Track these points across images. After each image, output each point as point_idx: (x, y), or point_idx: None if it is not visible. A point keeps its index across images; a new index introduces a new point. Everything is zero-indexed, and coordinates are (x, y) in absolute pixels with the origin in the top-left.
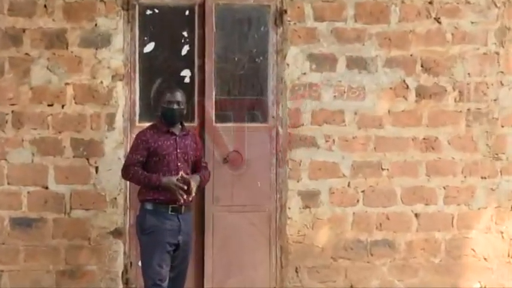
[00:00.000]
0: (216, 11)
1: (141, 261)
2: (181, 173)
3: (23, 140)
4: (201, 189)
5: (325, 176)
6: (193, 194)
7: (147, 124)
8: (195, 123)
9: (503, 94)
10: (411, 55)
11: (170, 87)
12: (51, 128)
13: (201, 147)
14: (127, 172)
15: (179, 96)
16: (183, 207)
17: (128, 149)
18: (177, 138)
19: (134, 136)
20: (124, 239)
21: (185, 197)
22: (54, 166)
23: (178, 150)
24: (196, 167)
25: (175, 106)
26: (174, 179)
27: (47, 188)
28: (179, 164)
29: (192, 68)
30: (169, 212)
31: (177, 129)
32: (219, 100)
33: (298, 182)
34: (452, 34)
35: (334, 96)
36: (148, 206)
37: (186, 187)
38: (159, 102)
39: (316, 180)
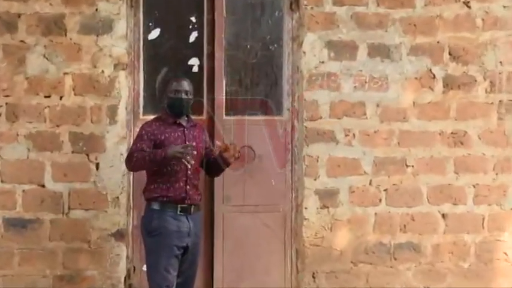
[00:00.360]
0: None
1: (146, 266)
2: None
3: (17, 135)
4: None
5: (345, 174)
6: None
7: (152, 117)
8: (204, 116)
9: None
10: (438, 42)
11: (176, 76)
12: (48, 121)
13: (208, 137)
14: (130, 159)
15: (186, 85)
16: (193, 206)
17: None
18: (185, 129)
19: (138, 129)
20: (127, 242)
21: (193, 162)
22: (51, 162)
23: (187, 143)
24: (207, 152)
25: (183, 95)
26: (179, 146)
27: (43, 186)
28: (188, 157)
29: (201, 56)
30: (178, 213)
31: (183, 121)
32: (229, 91)
33: (315, 179)
34: (483, 19)
35: (355, 86)
36: (155, 206)
37: (195, 151)
38: (164, 93)
39: (335, 178)
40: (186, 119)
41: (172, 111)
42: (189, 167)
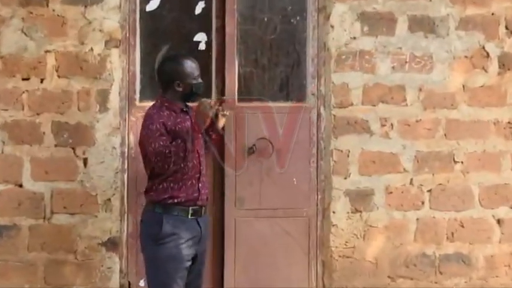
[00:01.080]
0: None
1: (149, 281)
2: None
3: None
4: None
5: (381, 171)
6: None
7: (150, 104)
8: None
9: None
10: (493, 14)
11: (182, 55)
12: (27, 108)
13: None
14: (164, 153)
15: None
16: (203, 208)
17: (127, 136)
18: (191, 118)
19: (148, 125)
20: (120, 253)
21: (228, 113)
22: (30, 158)
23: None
24: None
25: (200, 79)
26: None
27: (21, 186)
28: (200, 151)
29: (209, 31)
30: (189, 216)
31: (186, 108)
32: (243, 72)
33: (345, 178)
34: None
35: (393, 67)
36: (164, 209)
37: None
38: (171, 77)
39: (369, 177)
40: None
41: (188, 99)
42: (227, 114)
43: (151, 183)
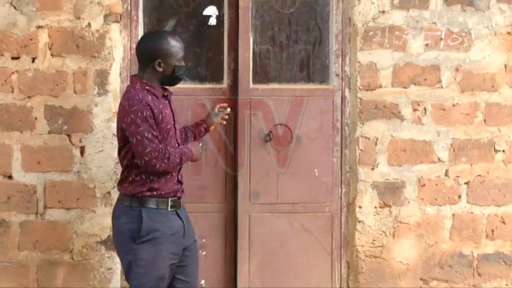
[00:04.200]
0: None
1: (130, 283)
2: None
3: None
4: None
5: (412, 161)
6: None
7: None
8: (224, 85)
9: None
10: None
11: (167, 32)
12: (17, 91)
13: None
14: (170, 157)
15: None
16: (180, 199)
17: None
18: (170, 103)
19: (131, 107)
20: None
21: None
22: (21, 146)
23: (175, 119)
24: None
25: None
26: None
27: (10, 177)
28: (178, 140)
29: (220, 4)
30: (169, 209)
31: (166, 92)
32: (258, 51)
33: (372, 169)
34: None
35: (426, 44)
36: (142, 203)
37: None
38: (153, 56)
39: (399, 167)
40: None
41: (169, 82)
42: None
43: (127, 173)
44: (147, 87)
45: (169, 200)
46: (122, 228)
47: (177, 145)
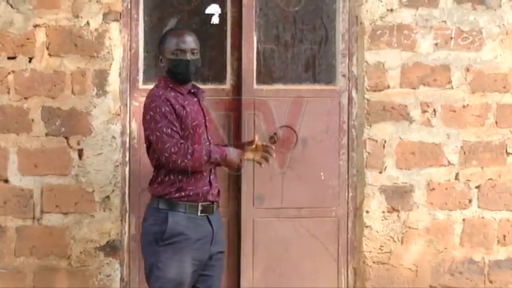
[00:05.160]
0: None
1: (150, 285)
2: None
3: None
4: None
5: (422, 164)
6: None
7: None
8: (227, 85)
9: None
10: None
11: (176, 29)
12: (14, 92)
13: None
14: (194, 153)
15: (192, 40)
16: (214, 204)
17: (128, 124)
18: (200, 101)
19: (150, 104)
20: (121, 258)
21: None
22: (17, 149)
23: (206, 118)
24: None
25: (189, 56)
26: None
27: (6, 181)
28: (210, 138)
29: (224, 2)
30: (199, 214)
31: (193, 89)
32: (262, 50)
33: (380, 172)
34: None
35: (436, 44)
36: (168, 205)
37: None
38: (160, 54)
39: (408, 171)
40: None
41: (175, 78)
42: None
43: (157, 174)
44: (170, 85)
45: (200, 204)
46: (147, 230)
47: (208, 143)
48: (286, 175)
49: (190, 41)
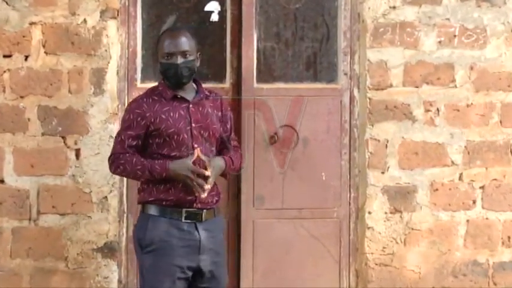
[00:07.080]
0: None
1: None
2: (197, 151)
3: None
4: (227, 181)
5: (425, 164)
6: (208, 187)
7: (153, 85)
8: (227, 84)
9: None
10: None
11: (170, 30)
12: (9, 90)
13: (231, 116)
14: (116, 163)
15: (184, 42)
16: (205, 211)
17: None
18: (191, 106)
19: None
20: (119, 260)
21: (206, 187)
22: (13, 149)
23: (193, 125)
24: (222, 147)
25: (179, 59)
26: (188, 162)
27: (2, 181)
28: (196, 145)
29: (223, 0)
30: (183, 220)
31: (189, 93)
32: (263, 48)
33: (383, 173)
34: None
35: (439, 42)
36: (152, 211)
37: (207, 173)
38: (156, 55)
39: (411, 171)
40: (194, 88)
41: (168, 82)
42: (203, 195)
43: (141, 182)
44: (158, 89)
45: (184, 210)
46: (134, 236)
47: (192, 148)
48: (287, 175)
49: (181, 43)
